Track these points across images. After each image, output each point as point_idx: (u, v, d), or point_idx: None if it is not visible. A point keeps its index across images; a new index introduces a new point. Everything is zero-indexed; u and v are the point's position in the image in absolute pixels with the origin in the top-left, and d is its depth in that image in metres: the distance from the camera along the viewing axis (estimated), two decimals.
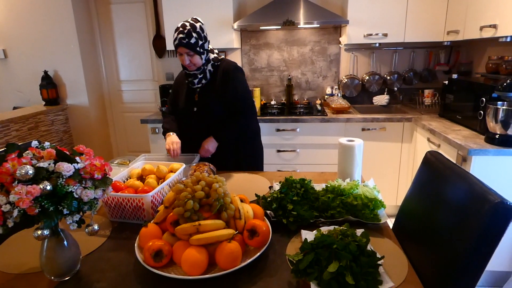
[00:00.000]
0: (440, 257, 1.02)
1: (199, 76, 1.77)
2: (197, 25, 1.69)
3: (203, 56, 1.73)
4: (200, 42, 1.69)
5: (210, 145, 1.79)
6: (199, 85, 1.80)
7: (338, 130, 2.82)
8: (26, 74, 3.52)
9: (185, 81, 1.85)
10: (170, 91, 2.01)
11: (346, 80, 3.32)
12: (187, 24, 1.67)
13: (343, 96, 3.35)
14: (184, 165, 1.53)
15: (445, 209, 1.10)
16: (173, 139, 1.78)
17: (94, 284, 0.96)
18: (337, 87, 3.36)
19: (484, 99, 2.12)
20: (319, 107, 3.10)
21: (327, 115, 2.85)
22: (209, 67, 1.78)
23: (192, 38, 1.66)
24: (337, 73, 3.39)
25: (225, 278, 0.95)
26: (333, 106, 2.97)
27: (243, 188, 1.57)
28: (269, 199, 1.30)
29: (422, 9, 2.79)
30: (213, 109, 1.80)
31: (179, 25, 1.68)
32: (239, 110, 1.82)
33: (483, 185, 0.99)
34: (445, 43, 2.95)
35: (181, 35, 1.65)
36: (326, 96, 3.32)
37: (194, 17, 1.74)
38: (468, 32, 2.47)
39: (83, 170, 0.92)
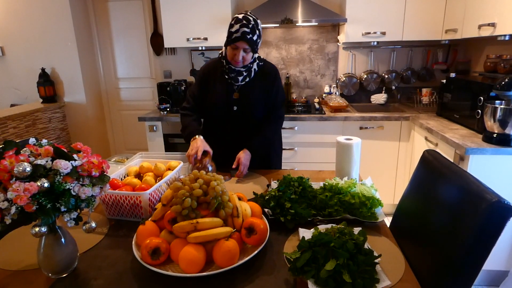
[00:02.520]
0: (437, 255, 1.02)
1: (244, 74, 1.68)
2: (258, 21, 1.60)
3: (254, 56, 1.66)
4: (259, 41, 1.61)
5: (248, 160, 1.65)
6: (242, 83, 1.71)
7: (336, 128, 2.82)
8: (23, 71, 3.50)
9: (221, 75, 1.72)
10: (194, 83, 1.81)
11: (344, 78, 3.32)
12: (251, 18, 1.56)
13: (341, 95, 3.35)
14: (182, 163, 1.53)
15: (442, 208, 1.10)
16: (198, 143, 1.57)
17: (91, 281, 0.96)
18: (335, 85, 3.36)
19: (482, 98, 2.12)
20: (317, 106, 3.11)
21: (325, 113, 2.85)
22: (255, 65, 1.70)
23: (255, 35, 1.56)
24: (335, 72, 3.39)
25: (222, 276, 0.95)
26: (331, 104, 2.97)
27: (241, 187, 1.57)
28: (267, 197, 1.30)
29: (420, 7, 2.79)
30: (256, 109, 1.72)
31: (240, 17, 1.56)
32: (273, 118, 1.77)
33: (480, 184, 0.99)
34: (443, 42, 2.96)
35: (245, 29, 1.52)
36: (324, 95, 3.32)
37: (248, 11, 1.63)
38: (466, 31, 2.48)
39: (80, 168, 0.91)
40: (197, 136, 1.63)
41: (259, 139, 1.73)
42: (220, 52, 1.76)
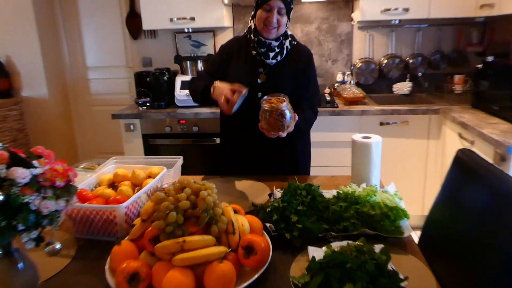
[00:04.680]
0: (475, 277, 1.02)
1: (276, 50, 1.73)
2: None
3: (288, 24, 1.72)
4: (291, 6, 1.69)
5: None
6: (273, 61, 1.75)
7: (352, 124, 2.83)
8: None
9: (247, 54, 1.78)
10: (210, 61, 1.85)
11: (360, 64, 3.33)
12: None
13: (357, 84, 3.36)
14: (165, 169, 1.53)
15: (481, 219, 1.10)
16: (223, 87, 1.58)
17: None
18: (349, 73, 3.37)
19: None
20: (328, 97, 3.11)
21: (337, 106, 2.86)
22: (287, 43, 1.75)
23: None
24: (349, 56, 3.39)
25: None
26: (345, 96, 2.97)
27: (237, 197, 1.57)
28: (268, 209, 1.30)
29: None
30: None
31: None
32: (309, 106, 1.80)
33: None
34: (478, 20, 2.96)
35: None
36: (336, 84, 3.33)
37: None
38: (505, 6, 2.48)
39: (42, 177, 0.91)
40: (216, 83, 1.62)
41: (300, 119, 1.67)
42: (245, 31, 1.81)
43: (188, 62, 3.21)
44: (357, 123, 2.83)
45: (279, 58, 1.75)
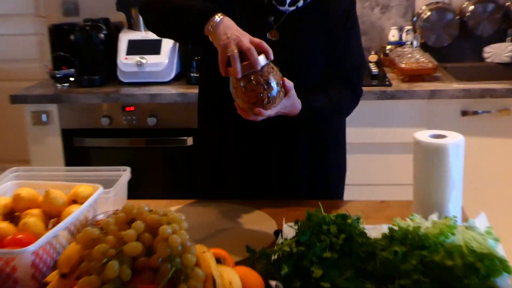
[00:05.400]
0: None
1: None
2: None
3: None
4: None
5: (296, 102, 1.64)
6: (290, 8, 1.78)
7: (414, 114, 2.86)
8: None
9: None
10: None
11: (428, 13, 3.34)
12: None
13: (423, 46, 3.39)
14: (101, 188, 1.53)
15: None
16: (236, 28, 1.50)
17: None
18: (410, 28, 3.39)
19: None
20: (374, 69, 3.11)
21: (390, 84, 2.89)
22: None
23: None
24: (409, 1, 3.42)
25: None
26: (403, 66, 2.99)
27: (222, 236, 1.58)
28: (275, 256, 1.31)
29: None
30: (308, 66, 1.82)
31: None
32: (344, 84, 1.86)
33: None
34: None
35: None
36: (388, 47, 3.35)
37: None
38: None
39: None
40: (220, 15, 1.53)
41: (320, 97, 1.77)
42: None
43: None
44: (424, 112, 2.85)
45: (300, 3, 1.78)
